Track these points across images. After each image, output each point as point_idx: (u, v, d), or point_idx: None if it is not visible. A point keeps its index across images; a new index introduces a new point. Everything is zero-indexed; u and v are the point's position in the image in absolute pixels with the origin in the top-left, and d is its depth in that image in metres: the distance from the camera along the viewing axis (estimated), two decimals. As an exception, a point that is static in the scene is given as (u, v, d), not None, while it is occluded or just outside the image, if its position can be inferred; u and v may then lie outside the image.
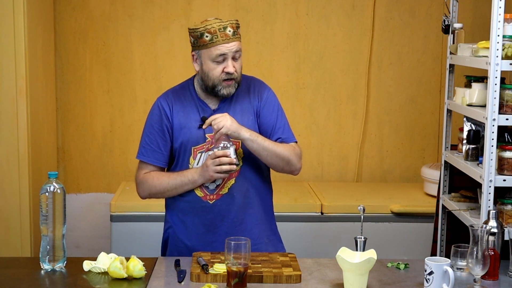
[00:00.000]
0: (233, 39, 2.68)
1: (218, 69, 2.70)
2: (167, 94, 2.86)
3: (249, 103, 2.81)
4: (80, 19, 4.57)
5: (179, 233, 2.85)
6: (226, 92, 2.72)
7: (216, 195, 2.76)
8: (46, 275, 2.50)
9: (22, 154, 3.81)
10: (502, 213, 2.92)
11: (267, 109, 2.82)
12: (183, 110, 2.80)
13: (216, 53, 2.68)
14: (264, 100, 2.82)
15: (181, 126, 2.78)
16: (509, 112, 2.90)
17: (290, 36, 4.64)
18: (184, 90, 2.84)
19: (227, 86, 2.72)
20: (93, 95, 4.63)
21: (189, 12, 4.60)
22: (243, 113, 2.79)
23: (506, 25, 2.89)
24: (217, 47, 2.68)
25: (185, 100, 2.81)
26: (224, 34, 2.67)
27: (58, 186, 2.51)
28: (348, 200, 4.15)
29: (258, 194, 2.83)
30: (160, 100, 2.84)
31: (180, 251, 2.82)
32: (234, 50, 2.69)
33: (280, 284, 2.42)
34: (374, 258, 2.32)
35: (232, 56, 2.70)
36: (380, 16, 4.65)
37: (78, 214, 4.64)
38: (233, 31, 2.69)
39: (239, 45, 2.71)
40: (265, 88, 2.86)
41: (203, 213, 2.78)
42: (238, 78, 2.73)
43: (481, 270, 2.37)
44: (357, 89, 4.69)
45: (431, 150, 4.75)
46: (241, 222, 2.78)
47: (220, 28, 2.67)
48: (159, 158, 2.82)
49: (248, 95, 2.82)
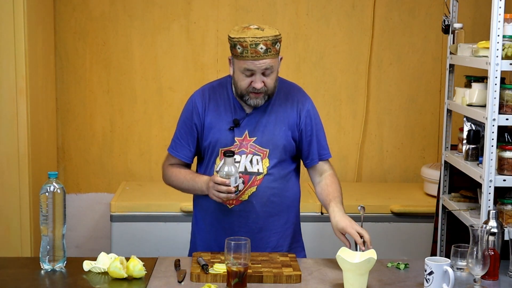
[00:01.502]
0: (263, 56, 2.61)
1: (246, 81, 2.65)
2: (204, 90, 2.81)
3: (284, 113, 2.76)
4: (80, 19, 4.57)
5: (202, 232, 2.84)
6: (254, 103, 2.68)
7: (235, 200, 2.73)
8: (46, 275, 2.50)
9: (22, 154, 3.81)
10: (502, 213, 2.92)
11: (308, 125, 2.78)
12: (216, 109, 2.76)
13: (244, 67, 2.63)
14: (304, 114, 2.78)
15: (212, 126, 2.75)
16: (509, 112, 2.90)
17: (290, 36, 4.64)
18: (222, 88, 2.79)
19: (254, 97, 2.67)
20: (93, 95, 4.63)
21: (189, 12, 4.60)
22: (277, 122, 2.75)
23: (506, 25, 2.89)
24: (246, 62, 2.62)
25: (220, 99, 2.77)
26: (255, 51, 2.60)
27: (58, 186, 2.51)
28: (348, 200, 4.10)
29: (282, 203, 2.79)
30: (195, 97, 2.80)
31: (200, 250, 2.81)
32: (264, 68, 2.63)
33: (280, 284, 2.42)
34: (374, 258, 2.32)
35: (262, 72, 2.64)
36: (380, 16, 4.65)
37: (78, 214, 4.64)
38: (266, 48, 2.61)
39: (270, 62, 2.63)
40: (305, 100, 2.81)
41: (221, 216, 2.76)
42: (269, 91, 2.68)
43: (481, 270, 2.37)
44: (357, 89, 4.69)
45: (431, 150, 4.75)
46: (259, 230, 2.75)
47: (252, 44, 2.60)
48: (186, 154, 2.80)
49: (285, 104, 2.77)
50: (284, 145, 2.74)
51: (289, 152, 2.77)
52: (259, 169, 2.72)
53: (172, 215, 4.02)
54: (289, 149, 2.76)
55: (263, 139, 2.72)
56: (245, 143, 2.72)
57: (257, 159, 2.72)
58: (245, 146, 2.72)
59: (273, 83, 2.68)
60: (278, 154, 2.74)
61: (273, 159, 2.73)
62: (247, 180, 2.71)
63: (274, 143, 2.73)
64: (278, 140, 2.73)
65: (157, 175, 4.52)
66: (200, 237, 2.84)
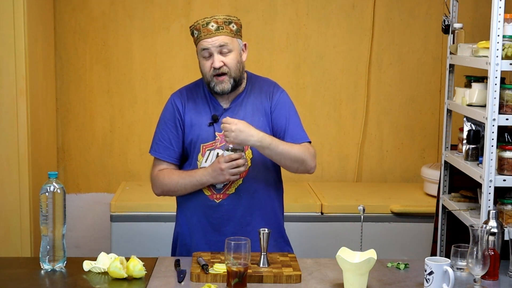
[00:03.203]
0: (215, 33, 2.70)
1: (207, 64, 2.73)
2: (181, 91, 2.88)
3: (260, 104, 2.81)
4: (80, 19, 4.57)
5: (186, 233, 2.86)
6: (220, 88, 2.73)
7: (223, 194, 2.77)
8: (46, 275, 2.50)
9: (22, 154, 3.81)
10: (502, 213, 2.92)
11: (279, 110, 2.81)
12: (195, 108, 2.81)
13: (201, 47, 2.72)
14: (276, 101, 2.82)
15: (192, 124, 2.80)
16: (509, 112, 2.90)
17: (290, 36, 4.64)
18: (198, 87, 2.86)
19: (219, 82, 2.72)
20: (93, 95, 4.63)
21: (189, 12, 4.60)
22: (254, 113, 2.79)
23: (506, 25, 2.89)
24: (201, 42, 2.72)
25: (197, 98, 2.83)
26: (206, 29, 2.70)
27: (58, 186, 2.51)
28: (348, 200, 4.16)
29: (267, 195, 2.83)
30: (174, 97, 2.87)
31: (188, 251, 2.82)
32: (218, 45, 2.70)
33: (280, 284, 2.42)
34: (374, 258, 2.32)
35: (219, 51, 2.71)
36: (380, 16, 4.65)
37: (78, 214, 4.64)
38: (217, 26, 2.70)
39: (224, 39, 2.70)
40: (277, 90, 2.86)
41: (210, 212, 2.78)
42: (232, 73, 2.72)
43: (481, 270, 2.37)
44: (357, 89, 4.69)
45: (431, 150, 4.75)
46: (247, 223, 2.77)
47: (204, 24, 2.71)
48: (170, 155, 2.82)
49: (260, 95, 2.82)
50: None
51: None
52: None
53: (172, 215, 3.95)
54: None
55: None
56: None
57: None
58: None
59: (234, 64, 2.73)
60: None
61: (255, 150, 2.75)
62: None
63: None
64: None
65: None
66: (189, 238, 2.84)
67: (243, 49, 2.79)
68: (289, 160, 2.73)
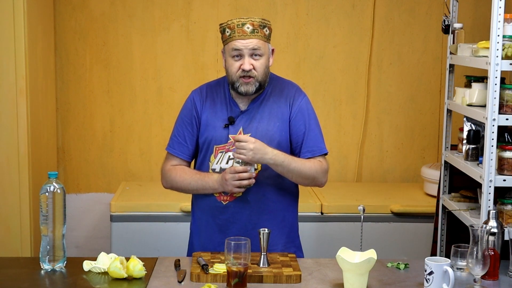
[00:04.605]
0: (250, 36, 2.68)
1: (235, 65, 2.70)
2: (201, 88, 2.87)
3: (278, 108, 2.78)
4: (80, 19, 4.57)
5: (195, 231, 2.87)
6: (244, 89, 2.71)
7: (229, 196, 2.76)
8: (46, 275, 2.50)
9: (22, 154, 3.81)
10: (502, 213, 2.92)
11: (299, 118, 2.78)
12: (213, 107, 2.80)
13: (232, 47, 2.69)
14: (296, 108, 2.79)
15: (208, 123, 2.79)
16: (509, 112, 2.90)
17: (290, 36, 4.64)
18: (219, 86, 2.84)
19: (244, 83, 2.70)
20: (93, 95, 4.63)
21: (189, 12, 4.60)
22: (271, 117, 2.77)
23: (506, 25, 2.89)
24: (234, 42, 2.69)
25: (217, 97, 2.81)
26: (242, 30, 2.68)
27: (58, 186, 2.51)
28: (348, 200, 4.15)
29: (277, 200, 2.80)
30: (194, 94, 2.86)
31: (196, 250, 2.82)
32: (251, 47, 2.68)
33: (280, 284, 2.42)
34: (374, 258, 2.32)
35: (250, 54, 2.69)
36: (380, 16, 4.65)
37: (78, 214, 4.64)
38: (253, 28, 2.68)
39: (257, 43, 2.69)
40: (299, 95, 2.82)
41: (216, 213, 2.79)
42: (259, 78, 2.71)
43: (481, 270, 2.37)
44: (357, 89, 4.69)
45: (431, 150, 4.75)
46: (253, 227, 2.74)
47: (239, 24, 2.69)
48: (184, 151, 2.82)
49: (279, 99, 2.79)
50: (278, 141, 2.75)
51: (284, 148, 2.77)
52: (254, 165, 2.72)
53: (172, 215, 4.02)
54: (284, 144, 2.77)
55: (257, 135, 2.74)
56: None
57: None
58: None
59: (263, 69, 2.72)
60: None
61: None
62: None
63: (268, 138, 2.74)
64: (272, 135, 2.75)
65: (157, 175, 4.51)
66: (198, 236, 2.86)
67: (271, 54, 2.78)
68: (300, 177, 2.74)
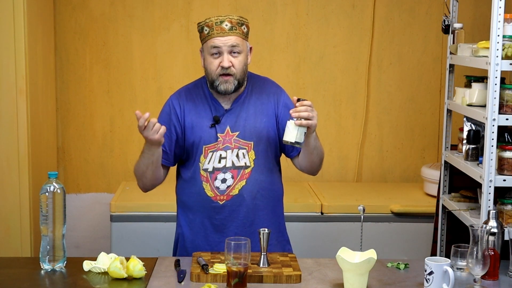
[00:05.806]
0: (229, 33, 2.70)
1: (214, 63, 2.71)
2: (180, 93, 2.87)
3: (262, 105, 2.81)
4: (80, 19, 4.57)
5: (187, 234, 2.85)
6: (223, 88, 2.72)
7: (226, 195, 2.77)
8: (46, 275, 2.50)
9: (22, 154, 3.81)
10: (502, 213, 2.92)
11: (286, 115, 2.78)
12: (195, 109, 2.80)
13: (211, 45, 2.70)
14: (282, 105, 2.82)
15: (193, 125, 2.79)
16: (509, 112, 2.90)
17: (290, 36, 4.64)
18: (197, 88, 2.85)
19: (224, 81, 2.71)
20: (93, 95, 4.63)
21: (189, 12, 4.60)
22: (256, 114, 2.79)
23: (506, 25, 2.89)
24: (212, 39, 2.70)
25: (197, 99, 2.82)
26: (220, 28, 2.70)
27: (58, 186, 2.51)
28: (348, 200, 4.15)
29: (269, 196, 2.83)
30: (172, 99, 2.86)
31: (188, 252, 2.82)
32: (230, 45, 2.70)
33: (280, 284, 2.42)
34: (374, 258, 2.32)
35: (229, 51, 2.70)
36: (380, 16, 4.65)
37: (78, 214, 4.63)
38: (231, 25, 2.70)
39: (236, 40, 2.70)
40: (281, 92, 2.86)
41: (213, 213, 2.79)
42: (237, 75, 2.72)
43: (481, 270, 2.37)
44: (357, 89, 4.69)
45: (431, 150, 4.75)
46: (250, 224, 2.78)
47: (217, 22, 2.70)
48: (162, 156, 2.80)
49: (261, 96, 2.82)
50: (267, 137, 2.79)
51: (273, 144, 2.81)
52: (246, 163, 2.76)
53: (172, 215, 3.97)
54: (272, 140, 2.81)
55: (246, 133, 2.77)
56: (228, 139, 2.77)
57: (243, 152, 2.77)
58: (229, 141, 2.77)
59: (241, 66, 2.73)
60: (263, 146, 2.79)
61: (258, 151, 2.77)
62: (236, 174, 2.76)
63: (257, 135, 2.77)
64: (261, 132, 2.78)
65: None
66: (191, 239, 2.84)
67: (249, 52, 2.80)
68: (318, 157, 2.77)
